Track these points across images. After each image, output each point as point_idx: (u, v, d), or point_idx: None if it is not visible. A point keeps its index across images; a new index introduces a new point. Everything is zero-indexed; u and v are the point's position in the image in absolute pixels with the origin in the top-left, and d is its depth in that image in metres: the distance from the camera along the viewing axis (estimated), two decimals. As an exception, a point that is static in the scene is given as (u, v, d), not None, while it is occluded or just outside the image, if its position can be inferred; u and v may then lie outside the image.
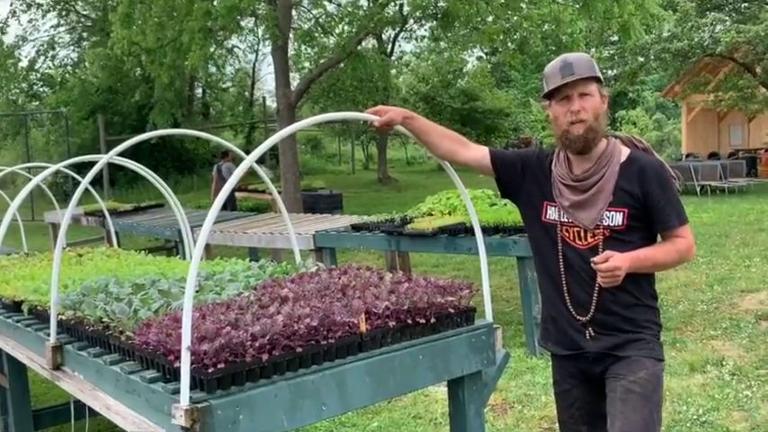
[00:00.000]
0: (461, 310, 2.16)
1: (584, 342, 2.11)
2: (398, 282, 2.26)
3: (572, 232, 2.13)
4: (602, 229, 2.09)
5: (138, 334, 1.98)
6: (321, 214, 8.03)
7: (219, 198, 1.79)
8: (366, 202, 16.39)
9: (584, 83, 2.07)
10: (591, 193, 2.12)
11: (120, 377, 2.06)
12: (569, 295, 2.12)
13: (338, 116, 2.26)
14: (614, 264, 1.98)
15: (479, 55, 28.70)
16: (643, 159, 2.13)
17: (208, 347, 1.71)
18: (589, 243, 2.10)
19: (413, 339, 2.06)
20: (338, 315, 1.95)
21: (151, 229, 8.18)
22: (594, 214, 2.10)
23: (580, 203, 2.12)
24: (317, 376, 1.87)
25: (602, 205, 2.10)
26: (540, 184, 2.21)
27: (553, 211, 2.17)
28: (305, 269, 2.82)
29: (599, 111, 2.08)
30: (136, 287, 2.49)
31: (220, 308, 2.08)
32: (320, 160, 29.13)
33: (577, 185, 2.14)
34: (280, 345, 1.82)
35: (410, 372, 2.04)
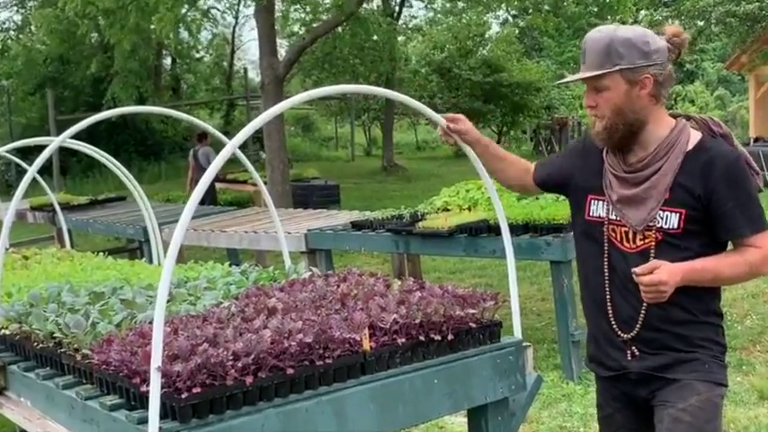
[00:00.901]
0: (485, 324, 2.17)
1: (625, 361, 2.11)
2: (409, 290, 2.27)
3: (619, 232, 2.13)
4: (654, 232, 2.07)
5: (96, 352, 1.99)
6: (314, 209, 8.05)
7: (198, 190, 1.79)
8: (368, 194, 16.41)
9: (597, 76, 2.06)
10: (643, 188, 2.10)
11: (75, 403, 2.07)
12: (612, 307, 2.12)
13: (363, 89, 2.29)
14: (659, 278, 1.95)
15: (505, 18, 28.69)
16: (714, 149, 2.07)
17: (181, 368, 1.72)
18: (638, 246, 2.09)
19: (426, 360, 2.07)
20: (337, 330, 1.96)
21: (111, 227, 8.21)
22: (644, 214, 2.09)
23: (630, 199, 2.12)
24: (311, 403, 1.88)
25: (655, 204, 2.08)
26: (586, 175, 2.22)
27: (599, 206, 2.18)
28: (296, 275, 2.83)
29: (620, 104, 2.07)
30: (94, 296, 2.51)
31: (196, 321, 2.09)
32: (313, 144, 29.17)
33: (629, 177, 2.13)
34: (267, 365, 1.82)
35: (423, 398, 2.05)
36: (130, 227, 7.62)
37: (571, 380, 4.71)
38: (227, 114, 25.95)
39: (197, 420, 1.73)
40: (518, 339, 2.26)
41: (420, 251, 5.58)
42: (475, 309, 2.13)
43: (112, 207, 9.51)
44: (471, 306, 2.14)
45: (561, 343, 4.82)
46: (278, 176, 11.59)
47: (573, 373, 4.72)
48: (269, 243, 6.47)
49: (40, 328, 2.31)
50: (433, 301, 2.09)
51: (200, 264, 3.37)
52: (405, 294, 2.18)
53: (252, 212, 8.29)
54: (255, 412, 1.80)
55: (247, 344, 1.82)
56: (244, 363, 1.78)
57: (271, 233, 6.39)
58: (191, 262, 3.48)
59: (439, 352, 2.09)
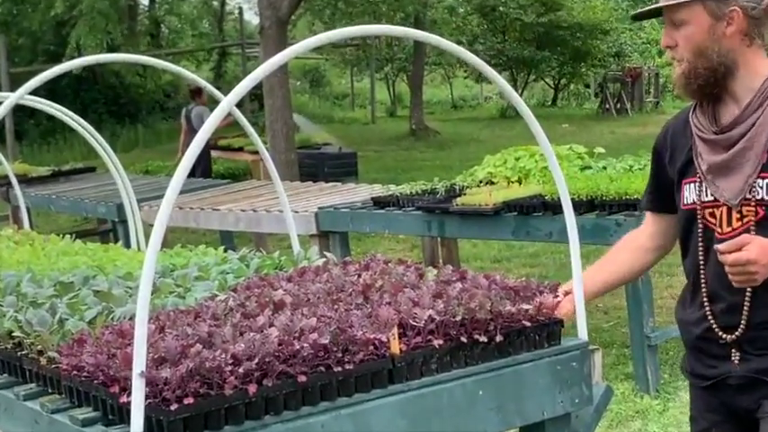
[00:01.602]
0: (542, 323, 2.17)
1: (726, 365, 2.15)
2: (447, 281, 2.27)
3: (718, 215, 2.13)
4: (753, 206, 2.07)
5: (65, 355, 2.02)
6: (326, 183, 8.07)
7: (186, 158, 1.81)
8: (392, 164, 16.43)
9: (673, 6, 2.09)
10: (735, 150, 2.10)
11: (39, 418, 2.10)
12: (709, 302, 2.16)
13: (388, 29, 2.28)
14: (747, 256, 1.95)
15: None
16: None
17: (170, 374, 1.74)
18: (735, 229, 2.09)
19: (469, 366, 2.07)
20: (359, 329, 1.97)
21: (78, 204, 8.30)
22: (740, 183, 2.09)
23: (721, 167, 2.12)
24: (328, 417, 1.89)
25: (752, 170, 2.08)
26: (677, 158, 2.25)
27: (691, 190, 2.20)
28: (306, 262, 2.85)
29: (701, 43, 2.09)
30: (60, 287, 2.54)
31: (186, 317, 2.11)
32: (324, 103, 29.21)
33: (718, 140, 2.13)
34: (274, 371, 1.84)
35: (464, 414, 2.05)
36: (102, 204, 7.71)
37: (646, 392, 4.71)
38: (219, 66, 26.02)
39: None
40: (583, 341, 2.26)
41: (458, 234, 5.60)
42: (530, 304, 2.14)
43: (79, 180, 9.62)
44: (525, 300, 2.14)
45: (634, 347, 4.82)
46: (281, 143, 11.63)
47: (649, 384, 4.72)
48: (271, 224, 6.52)
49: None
50: (478, 293, 2.09)
51: (189, 249, 3.40)
52: (442, 286, 2.19)
53: (249, 186, 8.34)
54: (260, 428, 1.82)
55: (250, 345, 1.84)
56: (246, 368, 1.80)
57: (274, 212, 6.43)
58: (177, 246, 3.52)
59: (484, 357, 2.09)
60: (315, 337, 1.90)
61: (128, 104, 22.73)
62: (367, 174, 13.87)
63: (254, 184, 8.78)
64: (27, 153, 18.19)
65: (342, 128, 23.25)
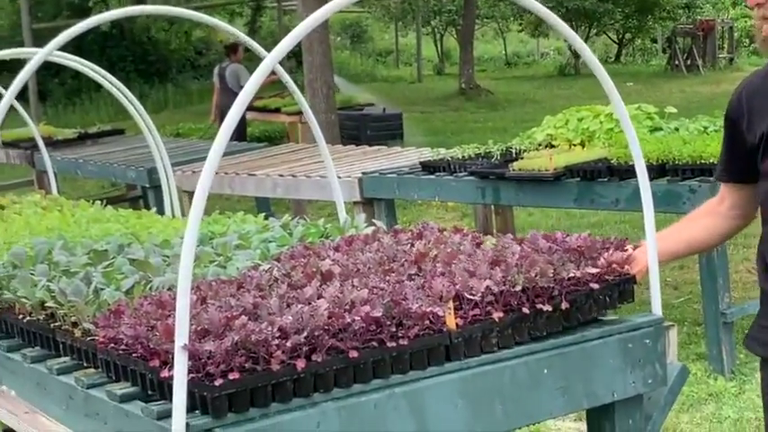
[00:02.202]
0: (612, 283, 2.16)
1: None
2: (505, 247, 2.27)
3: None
4: None
5: (102, 326, 2.05)
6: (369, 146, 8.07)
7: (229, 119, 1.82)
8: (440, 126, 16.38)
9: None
10: None
11: (74, 393, 2.14)
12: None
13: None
14: None
15: None
16: None
17: (214, 347, 1.76)
18: None
19: (533, 339, 2.07)
20: (413, 301, 1.97)
21: (106, 169, 8.40)
22: None
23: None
24: (381, 396, 1.90)
25: None
26: (756, 124, 2.24)
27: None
28: (354, 230, 2.85)
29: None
30: (94, 255, 2.58)
31: (228, 287, 2.14)
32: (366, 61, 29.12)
33: None
34: (323, 346, 1.85)
35: (528, 394, 2.05)
36: (132, 169, 7.78)
37: (721, 374, 4.68)
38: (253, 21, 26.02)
39: (234, 415, 1.77)
40: (657, 317, 2.24)
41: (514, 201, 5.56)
42: (596, 265, 2.12)
43: (108, 143, 9.71)
44: (590, 260, 2.13)
45: (708, 325, 4.78)
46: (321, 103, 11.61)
47: (723, 365, 4.68)
48: (311, 190, 6.54)
49: (27, 295, 2.39)
50: (539, 260, 2.08)
51: (227, 215, 3.43)
52: (500, 253, 2.19)
53: (287, 150, 8.37)
54: (309, 406, 1.84)
55: (298, 318, 1.85)
56: (294, 342, 1.81)
57: (314, 177, 6.45)
58: (214, 213, 3.55)
59: (550, 329, 2.10)
60: (367, 310, 1.91)
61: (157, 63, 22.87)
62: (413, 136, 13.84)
63: (293, 147, 8.81)
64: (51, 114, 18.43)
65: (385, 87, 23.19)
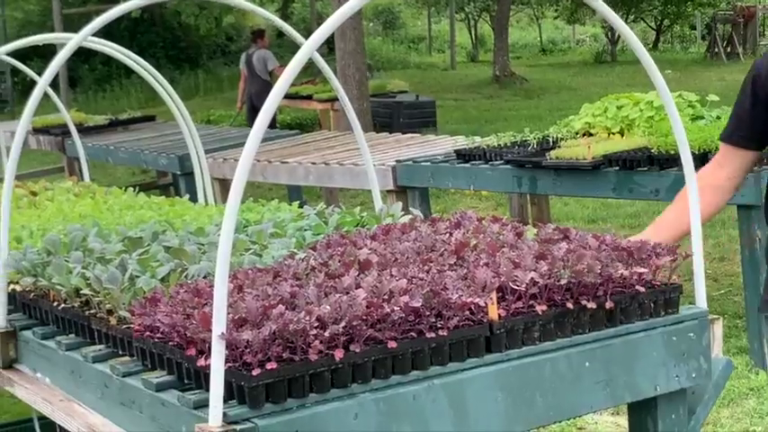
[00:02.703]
0: (658, 289, 2.14)
1: None
2: (549, 240, 2.25)
3: None
4: None
5: (138, 314, 2.06)
6: (402, 134, 8.06)
7: (268, 106, 1.81)
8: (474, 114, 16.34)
9: None
10: None
11: (109, 381, 2.15)
12: None
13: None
14: None
15: None
16: None
17: (251, 336, 1.76)
18: None
19: (575, 335, 2.06)
20: (453, 292, 1.96)
21: (137, 156, 8.46)
22: None
23: None
24: (419, 388, 1.89)
25: None
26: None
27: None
28: (391, 219, 2.84)
29: None
30: (129, 242, 2.59)
31: (265, 276, 2.13)
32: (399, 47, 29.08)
33: None
34: (361, 336, 1.85)
35: (569, 387, 2.04)
36: (163, 156, 7.83)
37: (762, 368, 4.64)
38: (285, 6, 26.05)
39: (272, 405, 1.77)
40: (702, 310, 2.23)
41: (551, 191, 5.54)
42: (645, 267, 2.10)
43: (138, 130, 9.78)
44: (639, 263, 2.11)
45: (749, 318, 4.74)
46: (353, 89, 11.62)
47: (765, 358, 4.63)
48: (344, 178, 6.55)
49: (62, 282, 2.41)
50: (586, 255, 2.06)
51: (261, 203, 3.43)
52: (545, 246, 2.17)
53: (320, 138, 8.38)
54: (347, 397, 1.83)
55: (336, 307, 1.85)
56: (332, 332, 1.81)
57: (347, 165, 6.45)
58: (248, 201, 3.55)
59: (593, 325, 2.07)
60: (406, 300, 1.90)
61: (188, 49, 22.99)
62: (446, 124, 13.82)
63: (325, 134, 8.82)
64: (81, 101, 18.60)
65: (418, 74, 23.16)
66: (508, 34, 22.71)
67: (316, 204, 3.23)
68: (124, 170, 12.63)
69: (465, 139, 6.58)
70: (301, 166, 6.86)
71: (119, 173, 12.67)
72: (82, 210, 3.63)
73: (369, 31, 27.20)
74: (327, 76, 3.02)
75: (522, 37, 32.20)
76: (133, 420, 2.06)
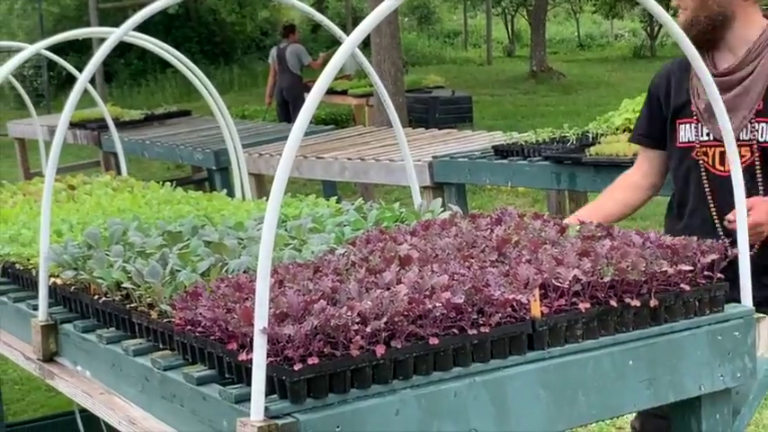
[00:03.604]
0: (703, 287, 2.13)
1: None
2: (592, 237, 2.24)
3: (712, 153, 2.68)
4: (750, 147, 2.61)
5: (179, 308, 2.08)
6: (439, 129, 8.05)
7: (310, 101, 1.82)
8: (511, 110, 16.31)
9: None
10: (733, 94, 2.61)
11: (150, 375, 2.18)
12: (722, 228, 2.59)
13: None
14: (753, 219, 2.40)
15: None
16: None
17: (293, 331, 1.77)
18: None
19: (619, 333, 2.06)
20: (495, 288, 1.97)
21: (172, 151, 8.50)
22: (736, 123, 2.58)
23: None
24: (461, 384, 1.90)
25: (747, 112, 2.61)
26: (672, 98, 2.79)
27: (687, 129, 2.74)
28: (430, 214, 2.85)
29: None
30: (169, 236, 2.61)
31: (305, 271, 2.15)
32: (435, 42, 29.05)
33: (720, 82, 2.53)
34: (403, 332, 1.86)
35: (612, 385, 2.04)
36: (199, 151, 7.87)
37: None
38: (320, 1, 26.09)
39: (313, 400, 1.79)
40: (747, 309, 2.21)
41: (590, 187, 5.48)
42: (690, 265, 2.09)
43: (174, 125, 9.84)
44: (685, 261, 2.10)
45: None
46: (388, 85, 11.64)
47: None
48: (380, 174, 6.54)
49: (103, 276, 2.44)
50: (631, 252, 2.06)
51: (299, 198, 3.45)
52: (588, 243, 2.17)
53: (355, 133, 8.40)
54: (388, 393, 1.84)
55: (377, 303, 1.86)
56: (373, 327, 1.82)
57: (383, 161, 6.45)
58: (285, 196, 3.57)
59: (637, 323, 2.07)
60: (448, 296, 1.90)
61: (222, 44, 23.10)
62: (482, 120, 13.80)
63: (360, 130, 8.84)
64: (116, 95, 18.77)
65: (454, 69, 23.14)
66: (545, 29, 22.62)
67: (350, 200, 3.24)
68: (159, 165, 12.74)
69: (502, 134, 6.56)
70: (337, 162, 6.87)
71: (153, 168, 12.78)
72: (120, 204, 3.67)
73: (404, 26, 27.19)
74: (367, 71, 3.03)
75: (560, 32, 32.07)
76: (174, 414, 2.08)
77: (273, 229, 1.78)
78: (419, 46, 27.00)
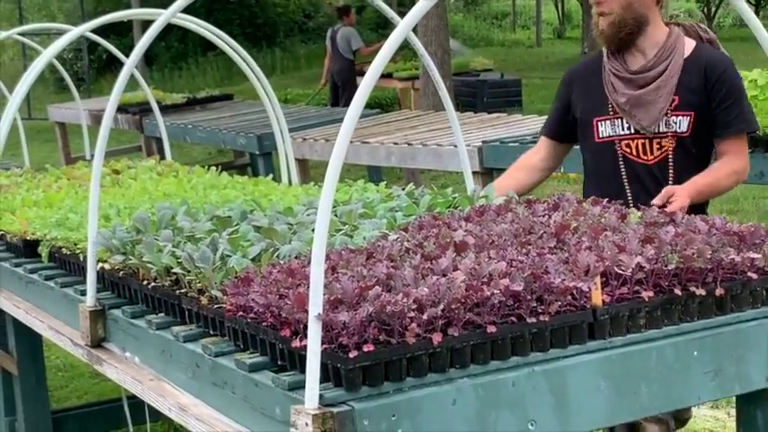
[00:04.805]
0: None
1: None
2: (655, 223, 2.22)
3: (635, 145, 3.01)
4: (669, 138, 2.97)
5: (231, 293, 2.09)
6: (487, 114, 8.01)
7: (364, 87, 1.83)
8: (561, 93, 16.11)
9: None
10: (651, 88, 2.98)
11: (201, 361, 2.20)
12: None
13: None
14: (679, 205, 2.68)
15: None
16: (711, 54, 3.04)
17: (348, 318, 1.78)
18: (656, 156, 3.00)
19: (683, 323, 2.04)
20: (555, 276, 1.96)
21: (215, 135, 8.55)
22: (656, 114, 2.97)
23: (639, 99, 2.99)
24: (520, 374, 1.90)
25: (664, 104, 2.97)
26: (587, 98, 3.09)
27: (606, 126, 3.06)
28: (484, 200, 2.84)
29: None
30: (218, 221, 2.63)
31: (358, 257, 2.15)
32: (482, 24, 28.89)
33: (635, 78, 3.01)
34: (460, 320, 1.86)
35: (676, 377, 2.03)
36: (242, 135, 7.90)
37: None
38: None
39: (368, 388, 1.79)
40: (818, 299, 2.17)
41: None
42: (757, 252, 2.07)
43: (216, 109, 9.88)
44: (752, 248, 2.07)
45: None
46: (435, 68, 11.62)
47: None
48: (427, 159, 6.52)
49: (153, 261, 2.46)
50: (696, 239, 2.04)
51: (348, 183, 3.45)
52: (651, 229, 2.15)
53: (401, 117, 8.37)
54: (445, 382, 1.84)
55: (434, 290, 1.86)
56: (430, 315, 1.82)
57: (430, 146, 6.44)
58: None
59: (702, 312, 2.05)
60: (506, 283, 1.90)
61: (264, 26, 23.10)
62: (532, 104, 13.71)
63: (406, 114, 8.81)
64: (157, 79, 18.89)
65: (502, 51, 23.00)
66: (597, 10, 22.38)
67: (398, 185, 3.25)
68: (200, 150, 12.82)
69: (554, 119, 6.50)
70: (383, 147, 6.86)
71: (194, 153, 12.86)
72: (166, 188, 3.71)
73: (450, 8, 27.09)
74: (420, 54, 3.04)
75: (612, 12, 31.77)
76: (225, 401, 2.10)
77: (328, 214, 1.79)
78: (466, 28, 26.88)
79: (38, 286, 3.22)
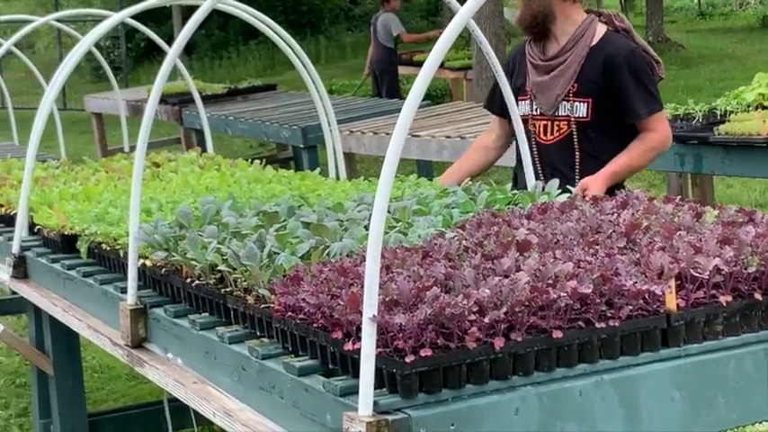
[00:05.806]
0: None
1: None
2: (733, 223, 2.18)
3: (539, 125, 3.52)
4: (567, 122, 3.45)
5: (279, 293, 2.09)
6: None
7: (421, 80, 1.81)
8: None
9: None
10: (552, 75, 3.46)
11: (247, 363, 2.20)
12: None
13: None
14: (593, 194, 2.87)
15: None
16: (614, 43, 3.45)
17: (404, 321, 1.76)
18: (555, 137, 3.50)
19: (763, 330, 2.01)
20: (626, 278, 1.93)
21: (257, 127, 8.55)
22: (552, 99, 3.46)
23: (540, 85, 3.50)
24: (587, 383, 1.88)
25: (561, 91, 3.43)
26: (514, 79, 3.56)
27: (523, 104, 3.54)
28: (546, 197, 2.81)
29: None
30: (265, 217, 2.63)
31: (414, 256, 2.13)
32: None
33: (542, 65, 3.52)
34: (523, 324, 1.84)
35: (755, 388, 2.00)
36: (285, 127, 7.90)
37: None
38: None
39: (425, 396, 1.78)
40: None
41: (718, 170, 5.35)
42: None
43: (259, 100, 9.87)
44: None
45: None
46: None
47: None
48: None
49: (197, 258, 2.46)
50: (780, 240, 2.00)
51: (401, 179, 3.44)
52: (729, 229, 2.11)
53: (453, 109, 8.34)
54: (507, 390, 1.83)
55: (496, 291, 1.84)
56: (492, 318, 1.80)
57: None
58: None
59: (784, 319, 2.01)
60: (574, 286, 1.88)
61: (308, 13, 23.13)
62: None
63: (458, 106, 8.77)
64: (197, 68, 19.00)
65: (558, 40, 22.81)
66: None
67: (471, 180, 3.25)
68: (241, 143, 12.87)
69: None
70: (434, 140, 6.83)
71: (235, 145, 12.91)
72: (209, 182, 3.71)
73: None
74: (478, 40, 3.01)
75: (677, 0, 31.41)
76: (273, 406, 2.09)
77: (384, 211, 1.78)
78: (518, 15, 26.73)
79: (76, 283, 3.24)
